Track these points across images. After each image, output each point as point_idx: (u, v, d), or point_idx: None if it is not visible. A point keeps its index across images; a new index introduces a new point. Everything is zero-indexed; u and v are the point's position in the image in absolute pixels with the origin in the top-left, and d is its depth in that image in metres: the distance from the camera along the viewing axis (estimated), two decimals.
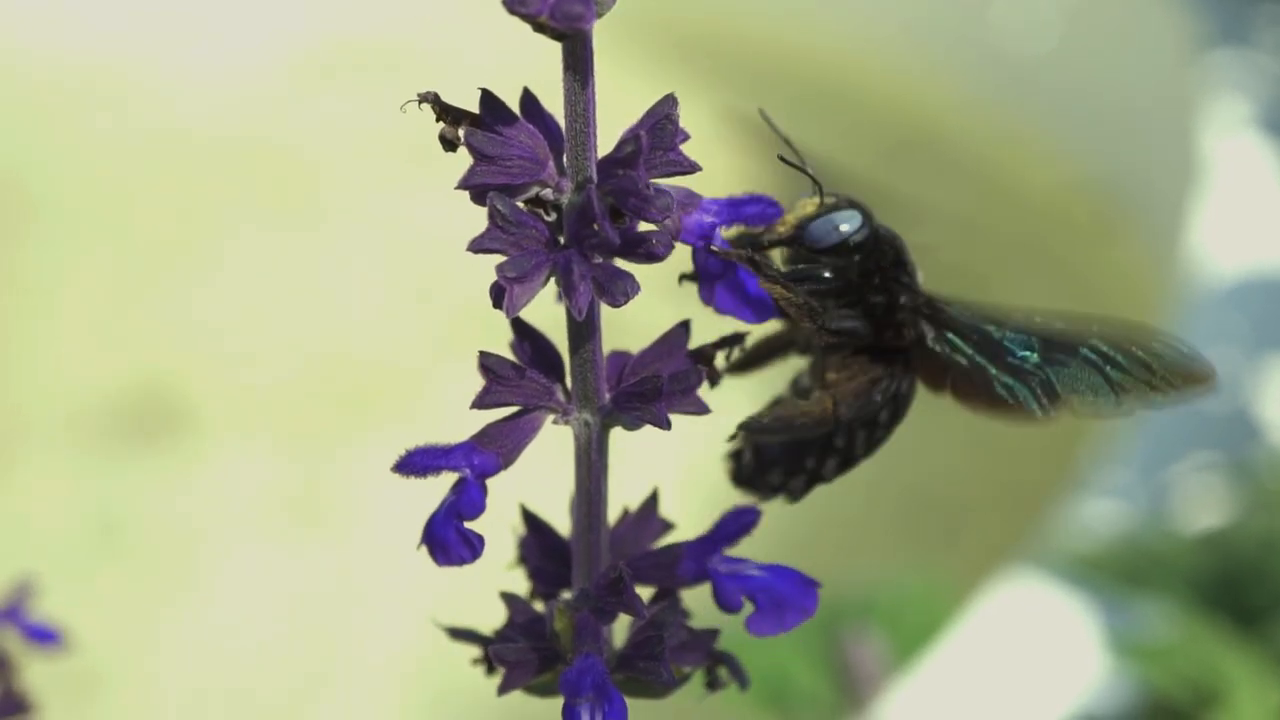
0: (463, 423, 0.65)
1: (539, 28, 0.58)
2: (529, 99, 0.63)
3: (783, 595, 0.64)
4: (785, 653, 1.31)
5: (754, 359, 0.71)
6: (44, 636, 0.94)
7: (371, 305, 2.74)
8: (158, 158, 3.01)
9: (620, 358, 0.67)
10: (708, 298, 0.65)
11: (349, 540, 2.36)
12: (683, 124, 0.61)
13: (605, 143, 0.61)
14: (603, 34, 0.60)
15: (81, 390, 2.60)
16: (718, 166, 0.66)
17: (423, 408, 2.51)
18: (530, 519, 0.70)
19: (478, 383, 0.63)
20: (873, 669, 1.26)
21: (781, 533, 2.18)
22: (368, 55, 3.17)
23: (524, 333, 0.65)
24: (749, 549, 0.66)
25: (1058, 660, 1.58)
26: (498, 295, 0.60)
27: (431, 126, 0.62)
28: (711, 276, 0.64)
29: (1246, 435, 1.88)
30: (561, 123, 0.61)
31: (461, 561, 0.65)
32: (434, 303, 2.66)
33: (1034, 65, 2.73)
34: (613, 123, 0.62)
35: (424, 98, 0.62)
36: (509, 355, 0.65)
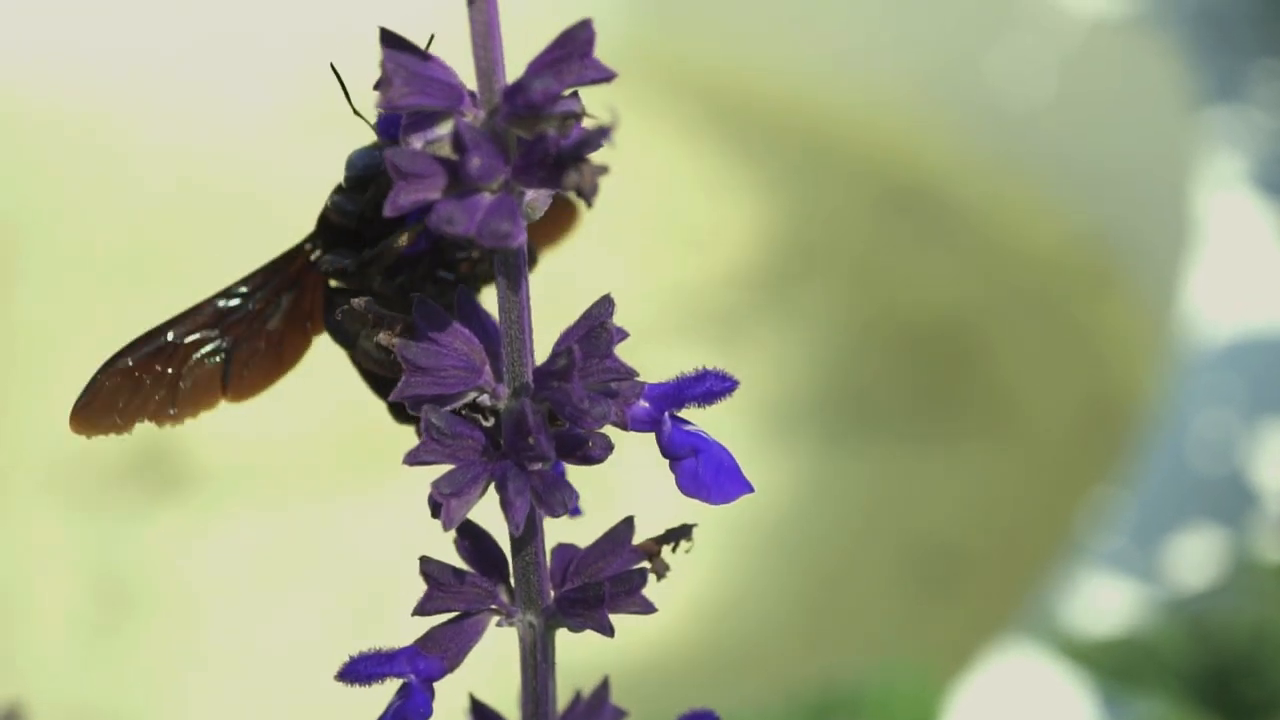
0: None
1: (469, 244, 0.57)
2: (465, 298, 0.62)
3: None
4: None
5: None
6: None
7: None
8: (157, 205, 3.00)
9: (566, 551, 0.66)
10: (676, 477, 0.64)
11: (359, 595, 2.34)
12: (687, 174, 0.60)
13: (609, 156, 0.59)
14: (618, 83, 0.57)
15: (76, 443, 2.58)
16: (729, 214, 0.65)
17: None
18: (480, 710, 0.69)
19: None
20: None
21: (780, 586, 2.17)
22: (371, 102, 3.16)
23: (466, 532, 0.65)
24: (761, 593, 0.65)
25: None
26: (435, 509, 0.60)
27: None
28: (671, 459, 0.63)
29: (1242, 501, 1.86)
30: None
31: None
32: None
33: (1029, 120, 2.72)
34: (621, 152, 0.61)
35: (357, 307, 0.61)
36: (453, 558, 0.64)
